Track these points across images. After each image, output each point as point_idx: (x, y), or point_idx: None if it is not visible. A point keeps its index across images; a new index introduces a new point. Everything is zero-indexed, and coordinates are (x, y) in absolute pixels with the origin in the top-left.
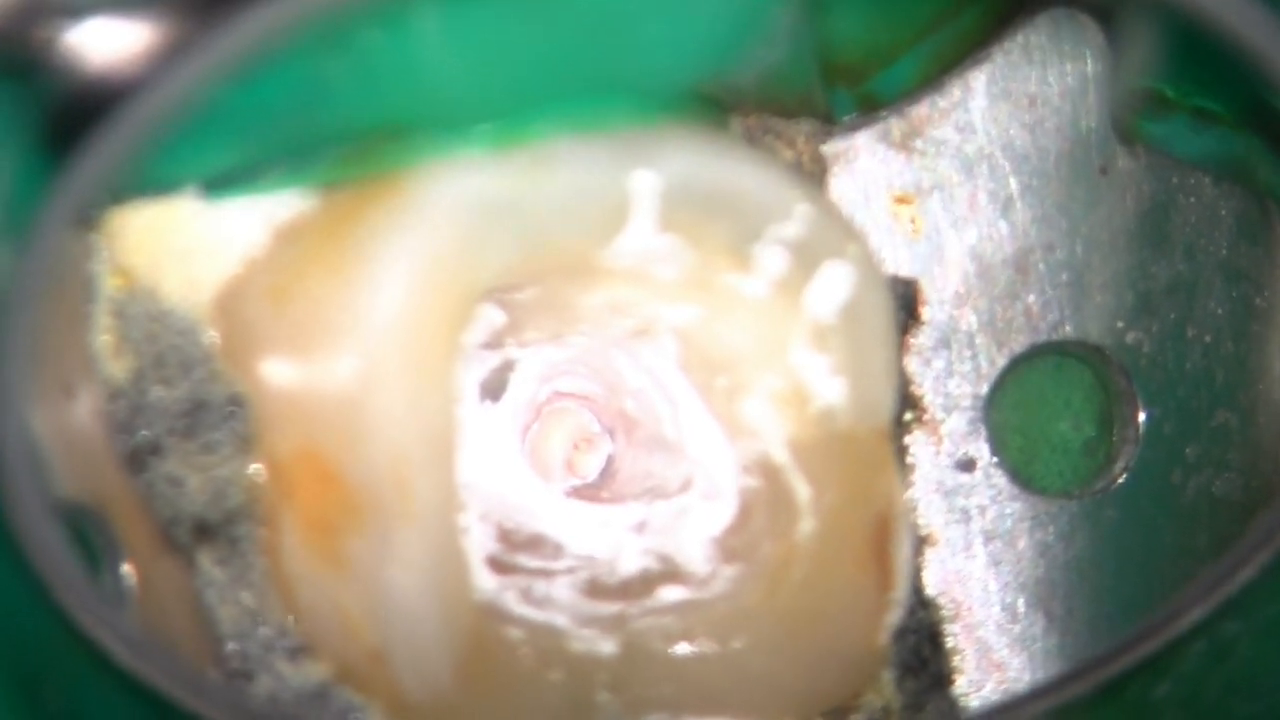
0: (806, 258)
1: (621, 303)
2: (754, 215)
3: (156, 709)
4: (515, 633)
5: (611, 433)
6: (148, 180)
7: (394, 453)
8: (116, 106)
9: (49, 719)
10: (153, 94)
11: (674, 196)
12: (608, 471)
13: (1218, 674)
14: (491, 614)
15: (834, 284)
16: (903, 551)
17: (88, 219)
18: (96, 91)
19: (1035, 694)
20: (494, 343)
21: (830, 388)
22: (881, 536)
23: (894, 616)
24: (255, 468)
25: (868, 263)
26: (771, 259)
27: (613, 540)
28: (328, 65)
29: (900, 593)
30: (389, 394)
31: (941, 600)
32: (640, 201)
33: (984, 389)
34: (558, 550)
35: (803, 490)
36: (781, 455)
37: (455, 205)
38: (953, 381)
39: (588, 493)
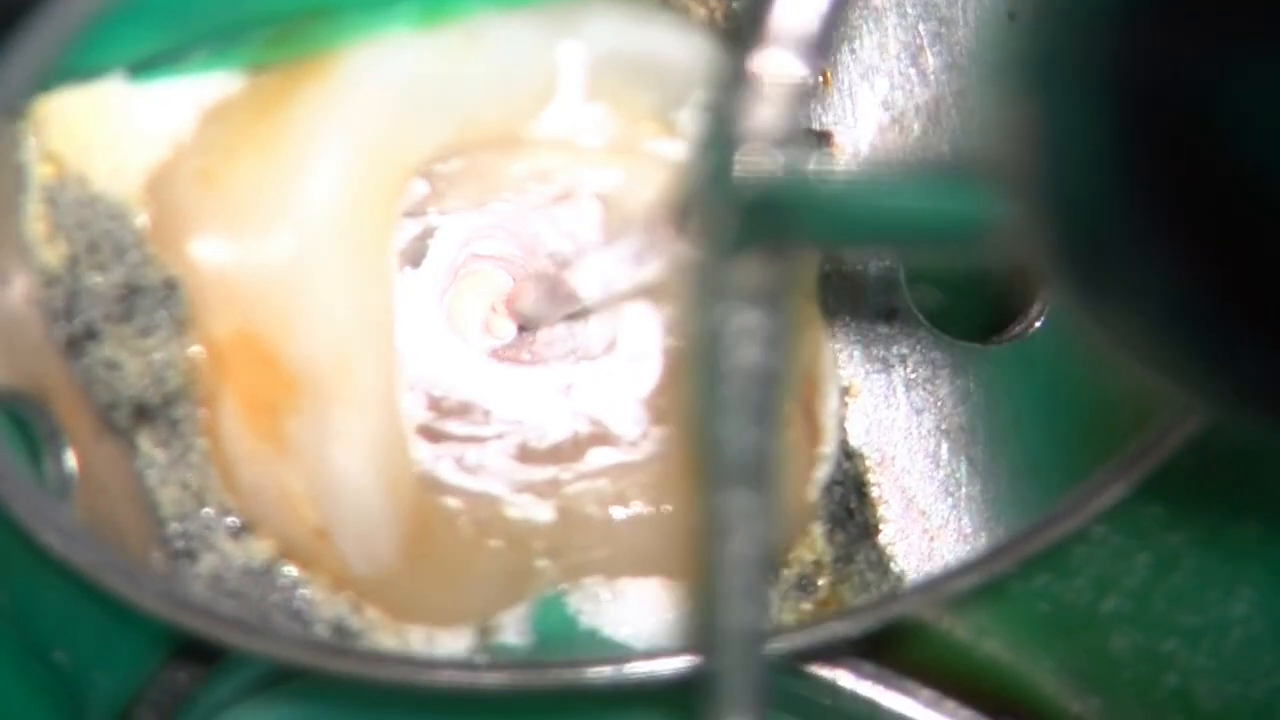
0: None
1: (545, 170)
2: (679, 82)
3: (101, 601)
4: (453, 502)
5: None
6: (73, 67)
7: (332, 331)
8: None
9: (1, 619)
10: None
11: (600, 66)
12: (526, 332)
13: (1163, 587)
14: (430, 485)
15: None
16: (830, 406)
17: (14, 109)
18: None
19: (965, 568)
20: (415, 211)
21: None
22: (809, 392)
23: (823, 471)
24: (194, 349)
25: None
26: (695, 123)
27: (540, 404)
28: None
29: (829, 447)
30: (324, 273)
31: (866, 450)
32: (567, 73)
33: None
34: (487, 416)
35: None
36: None
37: (384, 84)
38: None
39: (509, 355)
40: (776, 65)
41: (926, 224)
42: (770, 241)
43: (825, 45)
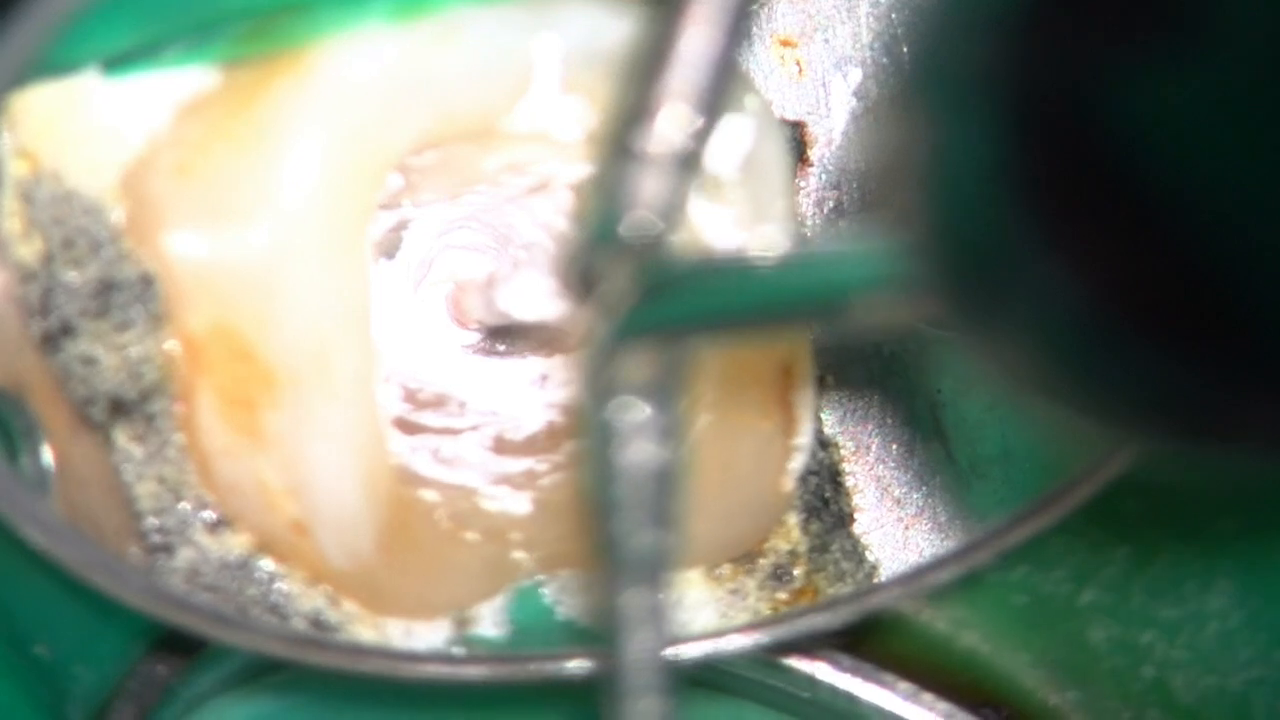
0: None
1: (520, 163)
2: None
3: (82, 595)
4: (430, 495)
5: None
6: (47, 62)
7: (309, 325)
8: None
9: None
10: None
11: (576, 58)
12: (501, 325)
13: (1141, 579)
14: (407, 478)
15: (733, 137)
16: (807, 397)
17: None
18: None
19: (945, 560)
20: (389, 204)
21: (730, 240)
22: (785, 382)
23: (799, 461)
24: (170, 344)
25: (766, 114)
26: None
27: (515, 395)
28: None
29: (805, 438)
30: (301, 266)
31: (840, 439)
32: (543, 66)
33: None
34: (462, 408)
35: None
36: None
37: (359, 77)
38: (844, 221)
39: (483, 347)
40: (661, 131)
41: (819, 296)
42: (660, 331)
43: (710, 115)
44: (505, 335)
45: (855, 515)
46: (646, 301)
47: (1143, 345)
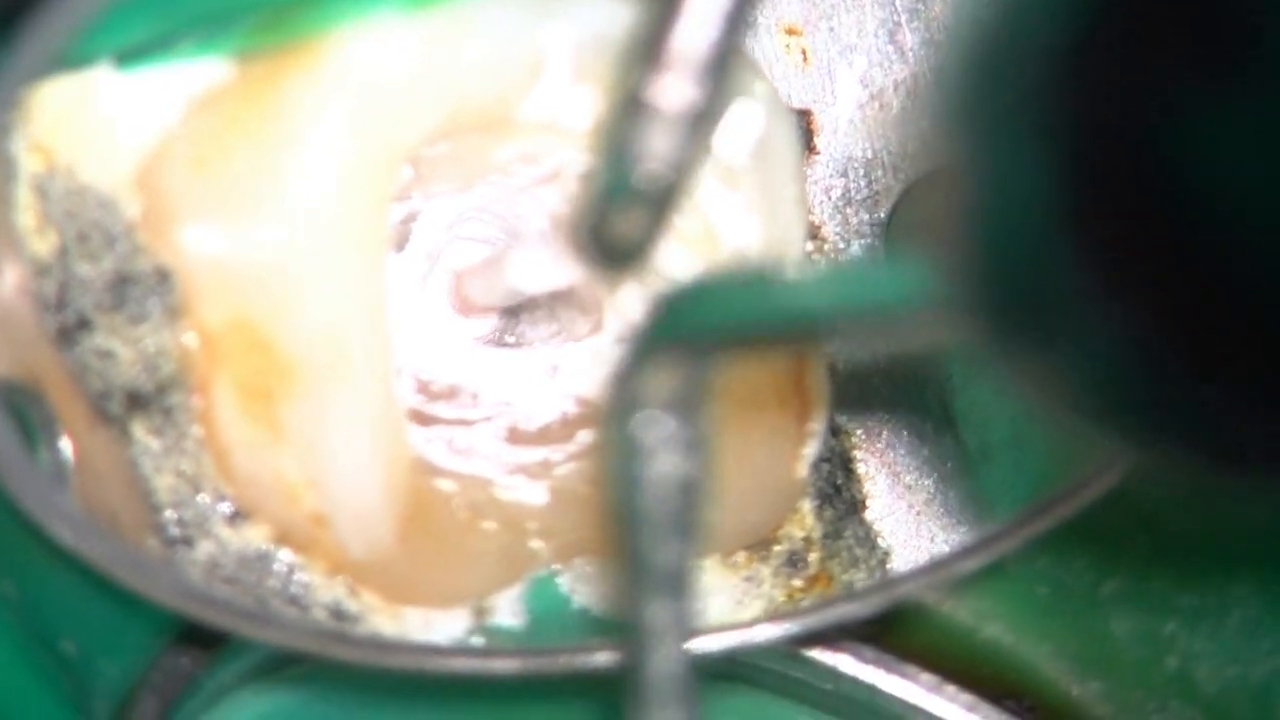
0: None
1: (532, 153)
2: None
3: (107, 590)
4: (447, 485)
5: None
6: (60, 56)
7: (325, 316)
8: None
9: (6, 609)
10: None
11: (587, 49)
12: (511, 316)
13: (1163, 568)
14: (424, 469)
15: (743, 123)
16: (820, 383)
17: (15, 103)
18: None
19: (962, 552)
20: (400, 195)
21: (741, 227)
22: (799, 369)
23: (812, 448)
24: (187, 337)
25: (775, 100)
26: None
27: (527, 385)
28: None
29: (819, 424)
30: (316, 258)
31: (853, 427)
32: (555, 56)
33: (881, 214)
34: (475, 399)
35: None
36: None
37: (373, 69)
38: (851, 209)
39: (495, 338)
40: (672, 89)
41: (857, 313)
42: (685, 343)
43: (718, 69)
44: (513, 317)
45: (867, 502)
46: (673, 315)
47: (1191, 378)
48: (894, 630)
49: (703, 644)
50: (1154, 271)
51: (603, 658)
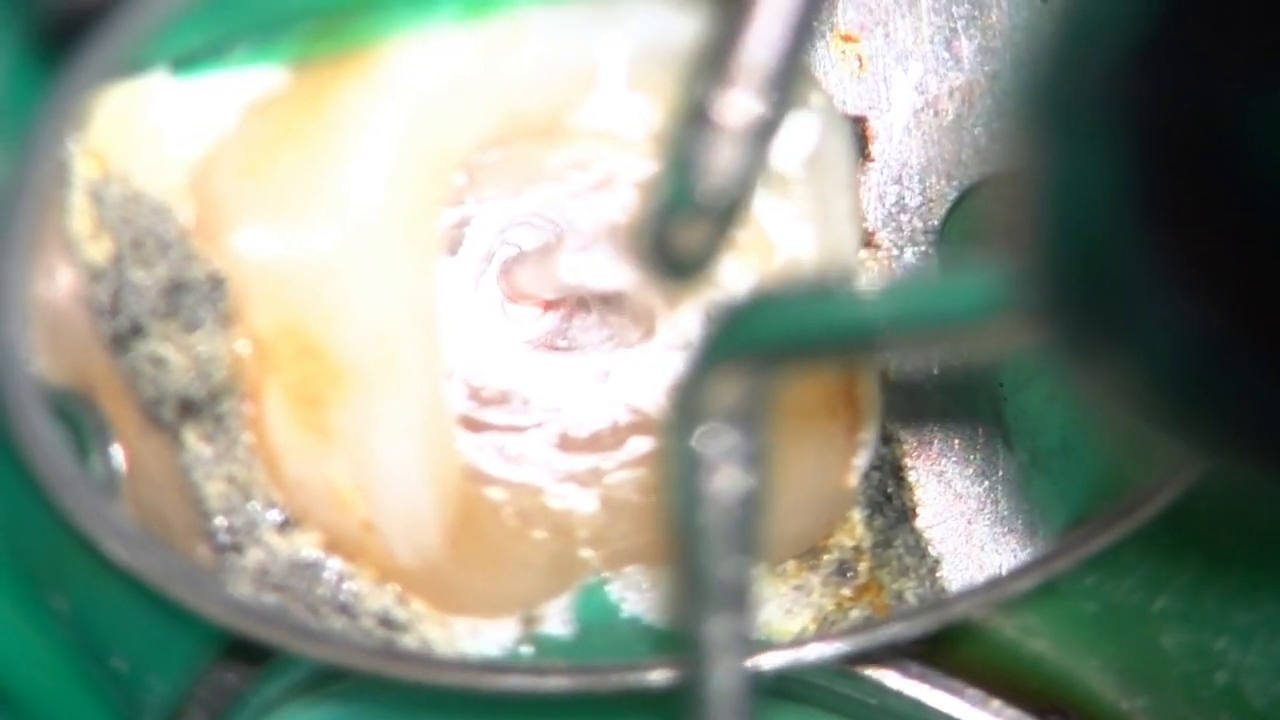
0: None
1: (584, 160)
2: None
3: (158, 605)
4: (497, 493)
5: None
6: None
7: (376, 323)
8: (110, 6)
9: (60, 624)
10: None
11: (641, 57)
12: (563, 320)
13: (1215, 585)
14: (474, 476)
15: (798, 133)
16: (871, 392)
17: (80, 113)
18: None
19: (1018, 571)
20: (453, 201)
21: (795, 236)
22: (850, 379)
23: (863, 458)
24: (238, 343)
25: (830, 110)
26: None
27: (579, 392)
28: None
29: (869, 434)
30: (368, 265)
31: (903, 435)
32: (609, 64)
33: (935, 222)
34: (526, 405)
35: None
36: None
37: (427, 77)
38: (905, 216)
39: (546, 343)
40: (737, 104)
41: (930, 323)
42: (748, 355)
43: (785, 83)
44: (565, 321)
45: (917, 510)
46: (736, 327)
47: (1268, 378)
48: (940, 645)
49: (759, 662)
50: (1232, 268)
51: (656, 675)
